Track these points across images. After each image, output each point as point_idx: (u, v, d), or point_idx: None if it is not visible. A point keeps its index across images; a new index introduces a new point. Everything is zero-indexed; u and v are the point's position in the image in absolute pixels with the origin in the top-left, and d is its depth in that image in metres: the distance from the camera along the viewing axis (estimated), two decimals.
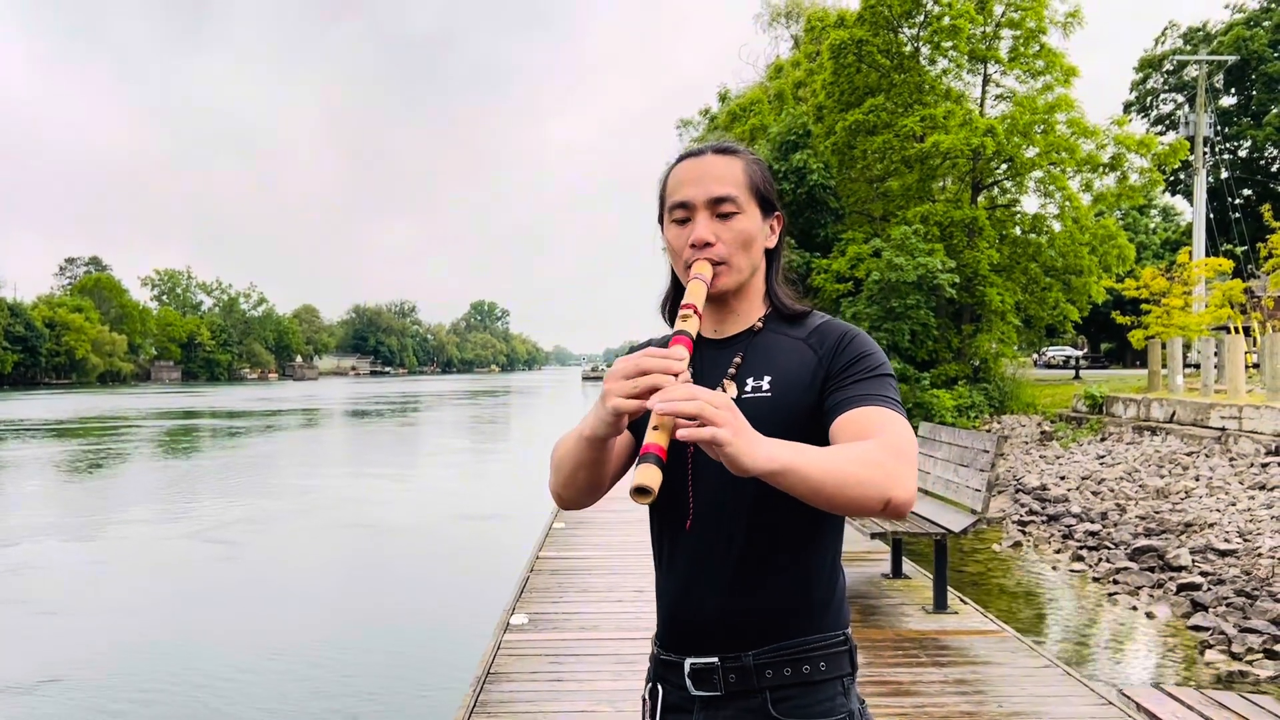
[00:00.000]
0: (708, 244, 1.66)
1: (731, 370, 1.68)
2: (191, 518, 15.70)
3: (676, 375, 1.41)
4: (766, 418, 1.59)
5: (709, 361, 1.72)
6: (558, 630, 5.68)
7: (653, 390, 1.39)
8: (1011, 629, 5.79)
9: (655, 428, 1.35)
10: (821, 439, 1.54)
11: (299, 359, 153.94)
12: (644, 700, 1.75)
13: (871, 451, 1.44)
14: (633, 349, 1.65)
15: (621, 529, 9.01)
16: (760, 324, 1.73)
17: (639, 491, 1.29)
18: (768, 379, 1.65)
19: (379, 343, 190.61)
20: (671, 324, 1.79)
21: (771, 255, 1.78)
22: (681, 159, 1.76)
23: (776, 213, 1.76)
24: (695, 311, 1.58)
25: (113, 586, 11.09)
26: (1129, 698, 4.96)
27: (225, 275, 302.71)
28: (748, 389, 1.65)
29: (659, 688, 1.70)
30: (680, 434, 1.32)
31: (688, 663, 1.63)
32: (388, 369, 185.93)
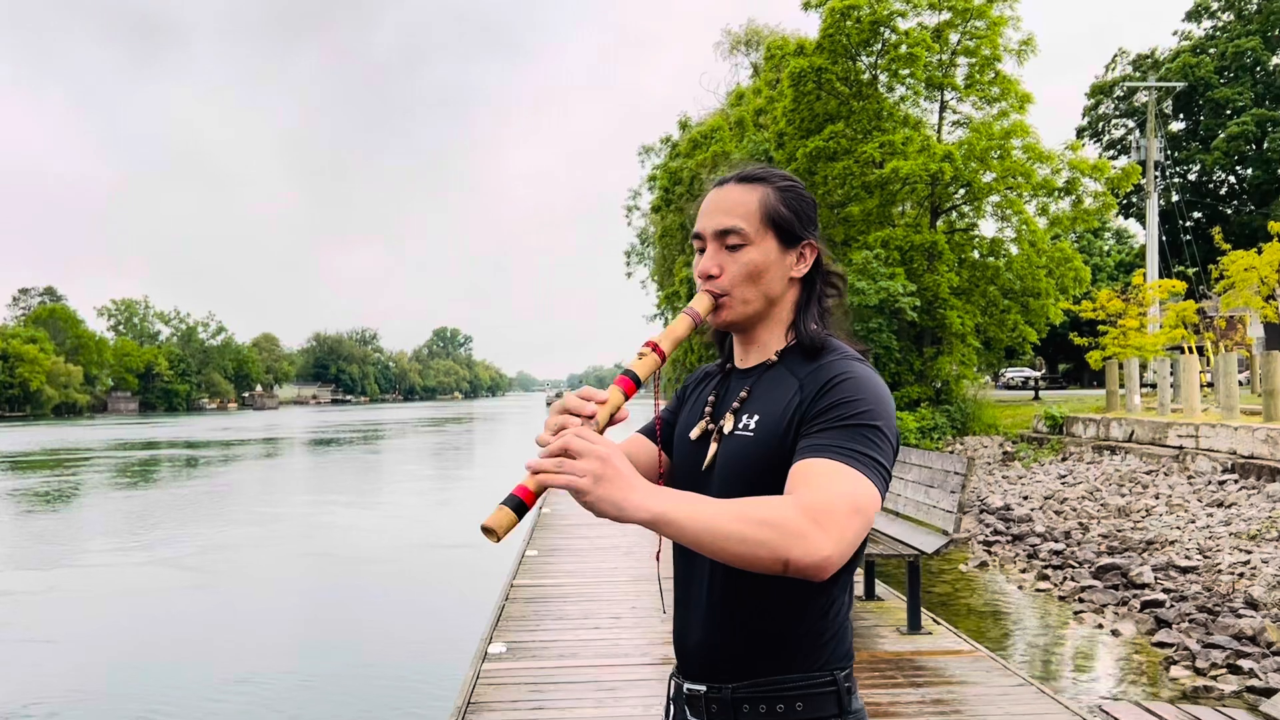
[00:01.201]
0: (712, 276, 1.66)
1: (735, 404, 1.68)
2: (155, 549, 15.49)
3: (592, 416, 1.44)
4: (745, 458, 1.61)
5: (731, 392, 1.73)
6: (536, 659, 5.69)
7: (560, 429, 1.41)
8: (985, 648, 5.88)
9: (534, 471, 1.37)
10: None
11: (259, 388, 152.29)
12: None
13: (776, 509, 1.37)
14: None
15: (594, 555, 9.03)
16: (775, 357, 1.70)
17: (485, 530, 1.32)
18: (756, 418, 1.63)
19: (340, 371, 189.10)
20: (722, 350, 1.82)
21: (806, 285, 1.72)
22: (712, 186, 1.74)
23: (807, 241, 1.70)
24: (654, 349, 1.58)
25: (75, 619, 10.93)
26: (1106, 713, 5.05)
27: (183, 304, 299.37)
28: (740, 426, 1.64)
29: (670, 707, 1.75)
30: (538, 477, 1.35)
31: (685, 687, 1.68)
32: (349, 397, 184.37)
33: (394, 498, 23.51)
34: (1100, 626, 9.18)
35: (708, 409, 1.74)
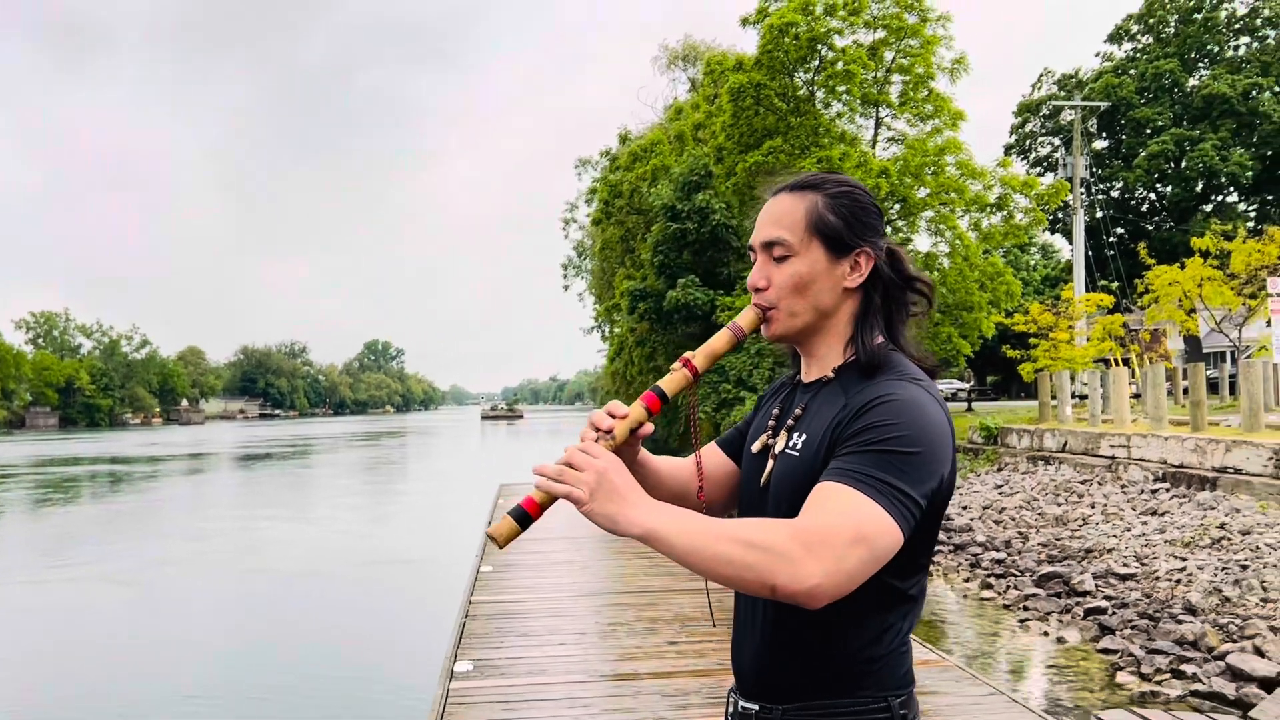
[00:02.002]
0: (759, 289, 1.64)
1: (790, 421, 1.66)
2: (84, 572, 14.98)
3: (610, 431, 1.49)
4: (792, 479, 1.59)
5: (792, 407, 1.70)
6: (505, 677, 5.65)
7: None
8: (951, 658, 5.97)
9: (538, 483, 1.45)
10: None
11: (185, 402, 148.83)
12: None
13: (768, 532, 1.36)
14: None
15: (551, 571, 8.99)
16: (832, 374, 1.65)
17: (489, 537, 1.42)
18: (804, 438, 1.60)
19: (269, 385, 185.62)
20: (796, 364, 1.77)
21: (866, 295, 1.66)
22: (769, 195, 1.70)
23: (861, 249, 1.63)
24: (687, 364, 1.59)
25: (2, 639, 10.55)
26: None
27: (106, 317, 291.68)
28: (790, 444, 1.62)
29: None
30: (538, 483, 1.42)
31: (740, 704, 1.67)
32: (278, 411, 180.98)
33: (333, 513, 23.11)
34: (1046, 634, 9.37)
35: (771, 423, 1.72)
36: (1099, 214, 38.73)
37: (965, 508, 16.31)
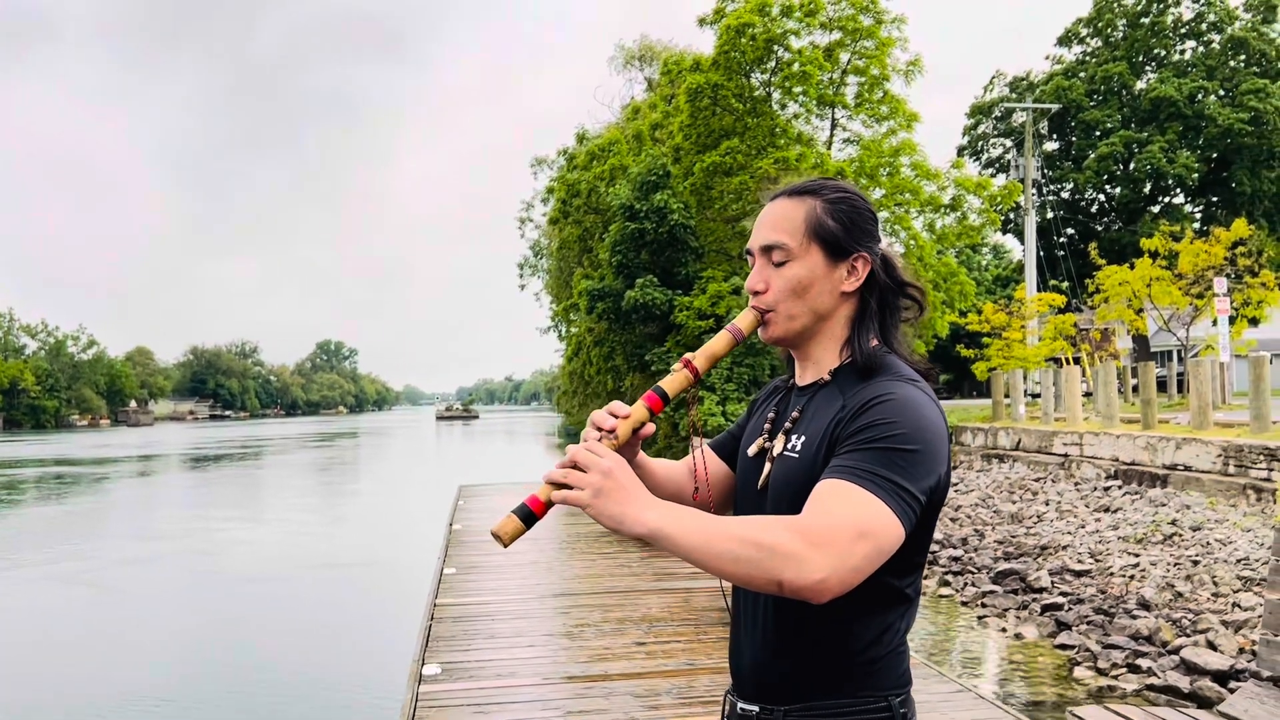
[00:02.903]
0: (758, 292, 1.66)
1: (787, 424, 1.67)
2: (34, 573, 14.70)
3: (612, 430, 1.51)
4: (791, 479, 1.60)
5: (788, 410, 1.71)
6: (474, 679, 5.63)
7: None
8: (917, 655, 6.04)
9: (548, 482, 1.46)
10: None
11: (133, 404, 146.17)
12: None
13: (773, 530, 1.38)
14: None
15: (515, 573, 8.97)
16: (829, 376, 1.67)
17: (493, 535, 1.43)
18: (802, 439, 1.61)
19: (219, 385, 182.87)
20: (790, 366, 1.79)
21: (862, 299, 1.68)
22: (767, 200, 1.72)
23: (858, 254, 1.65)
24: (687, 365, 1.60)
25: None
26: (1079, 718, 5.23)
27: (51, 317, 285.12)
28: (789, 446, 1.63)
29: None
30: (542, 488, 1.45)
31: (739, 706, 1.68)
32: (228, 412, 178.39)
33: (290, 515, 22.85)
34: (1004, 630, 9.52)
35: (767, 426, 1.74)
36: (1050, 215, 39.31)
37: (925, 505, 16.48)
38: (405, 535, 17.83)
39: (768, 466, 1.68)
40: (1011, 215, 37.39)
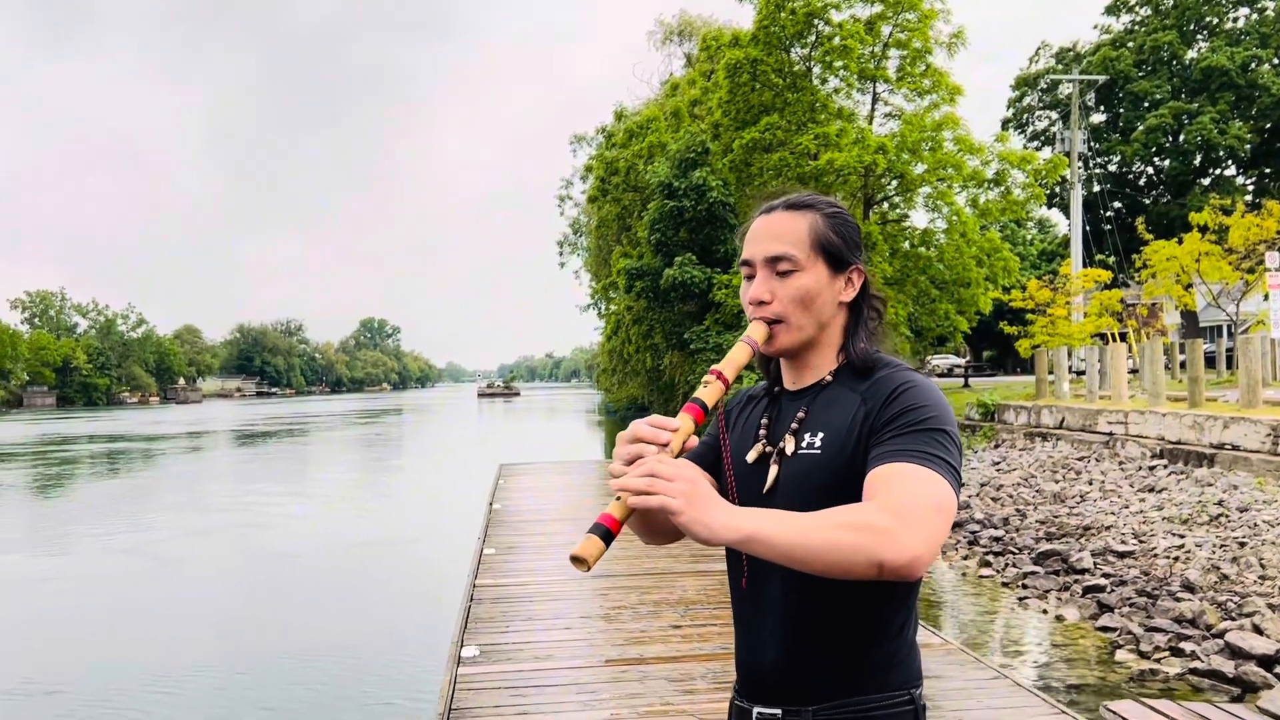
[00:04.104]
0: (763, 302, 1.68)
1: (794, 425, 1.69)
2: (91, 551, 15.05)
3: (665, 445, 1.48)
4: (815, 475, 1.63)
5: (783, 414, 1.74)
6: (512, 662, 5.69)
7: (636, 459, 1.47)
8: (955, 641, 6.01)
9: (616, 498, 1.43)
10: None
11: (181, 381, 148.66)
12: None
13: (863, 514, 1.41)
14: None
15: (554, 554, 9.03)
16: (830, 377, 1.71)
17: (575, 560, 1.38)
18: (821, 436, 1.64)
19: (265, 363, 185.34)
20: (768, 374, 1.83)
21: (854, 308, 1.75)
22: (759, 213, 1.76)
23: (854, 266, 1.73)
24: (719, 377, 1.60)
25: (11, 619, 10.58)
26: (1114, 712, 5.19)
27: (101, 296, 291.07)
28: (803, 445, 1.66)
29: None
30: (630, 501, 1.41)
31: (755, 711, 1.68)
32: (274, 390, 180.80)
33: (334, 491, 23.14)
34: (1045, 612, 9.43)
35: (762, 431, 1.75)
36: (1096, 188, 38.67)
37: (963, 484, 16.33)
38: (448, 513, 17.97)
39: (774, 469, 1.69)
40: (1057, 189, 36.82)
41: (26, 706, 7.75)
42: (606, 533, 1.41)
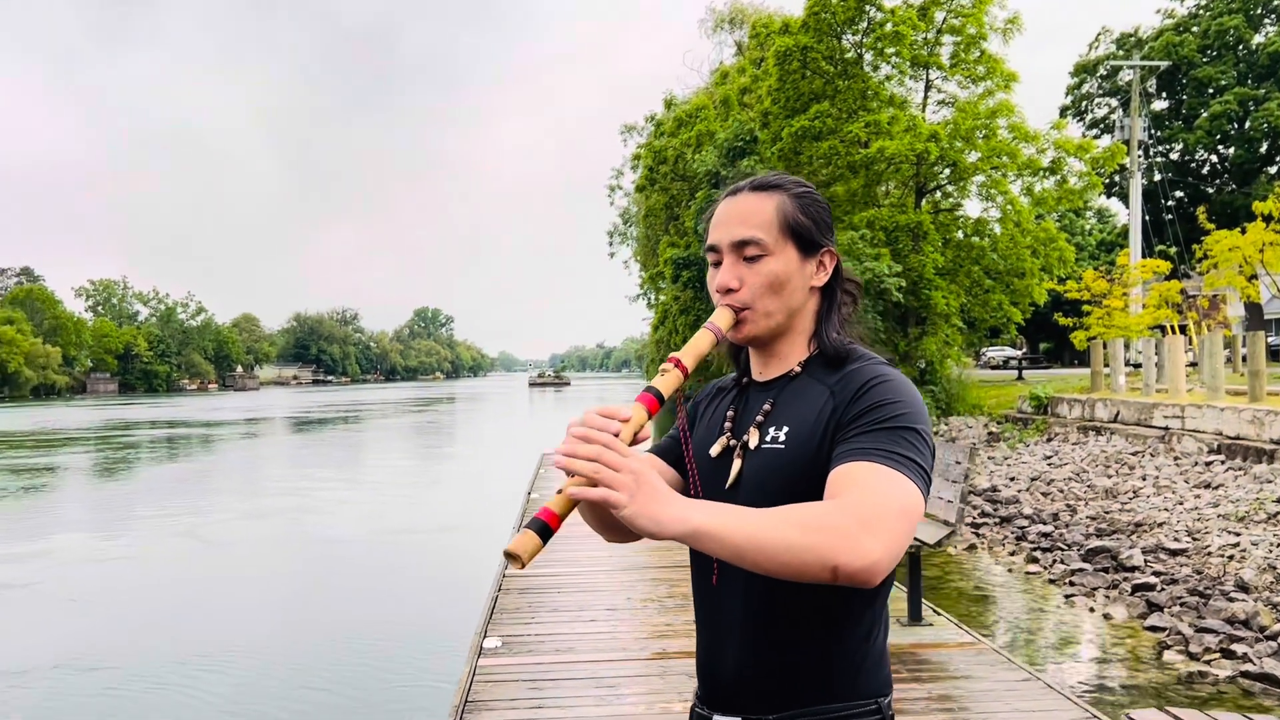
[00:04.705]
0: (731, 290, 1.60)
1: (759, 417, 1.61)
2: (148, 532, 15.44)
3: (615, 435, 1.38)
4: (777, 471, 1.55)
5: (750, 406, 1.66)
6: (533, 654, 5.61)
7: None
8: (987, 641, 5.83)
9: (560, 491, 1.32)
10: None
11: (239, 369, 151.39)
12: None
13: (821, 514, 1.32)
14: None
15: (587, 543, 8.93)
16: (799, 368, 1.63)
17: (508, 556, 1.27)
18: (786, 429, 1.56)
19: (321, 351, 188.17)
20: (738, 364, 1.76)
21: (827, 294, 1.67)
22: (724, 196, 1.68)
23: (826, 249, 1.65)
24: (677, 365, 1.52)
25: (51, 603, 10.78)
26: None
27: (162, 284, 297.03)
28: (768, 439, 1.58)
29: None
30: (570, 491, 1.30)
31: (714, 719, 1.60)
32: (330, 378, 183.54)
33: (383, 478, 23.42)
34: (1092, 610, 9.18)
35: (727, 425, 1.67)
36: (1157, 177, 37.74)
37: (1013, 479, 16.04)
38: (492, 500, 18.02)
39: (738, 463, 1.61)
40: (1116, 178, 36.00)
41: (88, 676, 8.03)
42: (544, 528, 1.29)
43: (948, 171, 27.19)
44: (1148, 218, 34.36)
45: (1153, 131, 37.16)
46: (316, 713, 7.12)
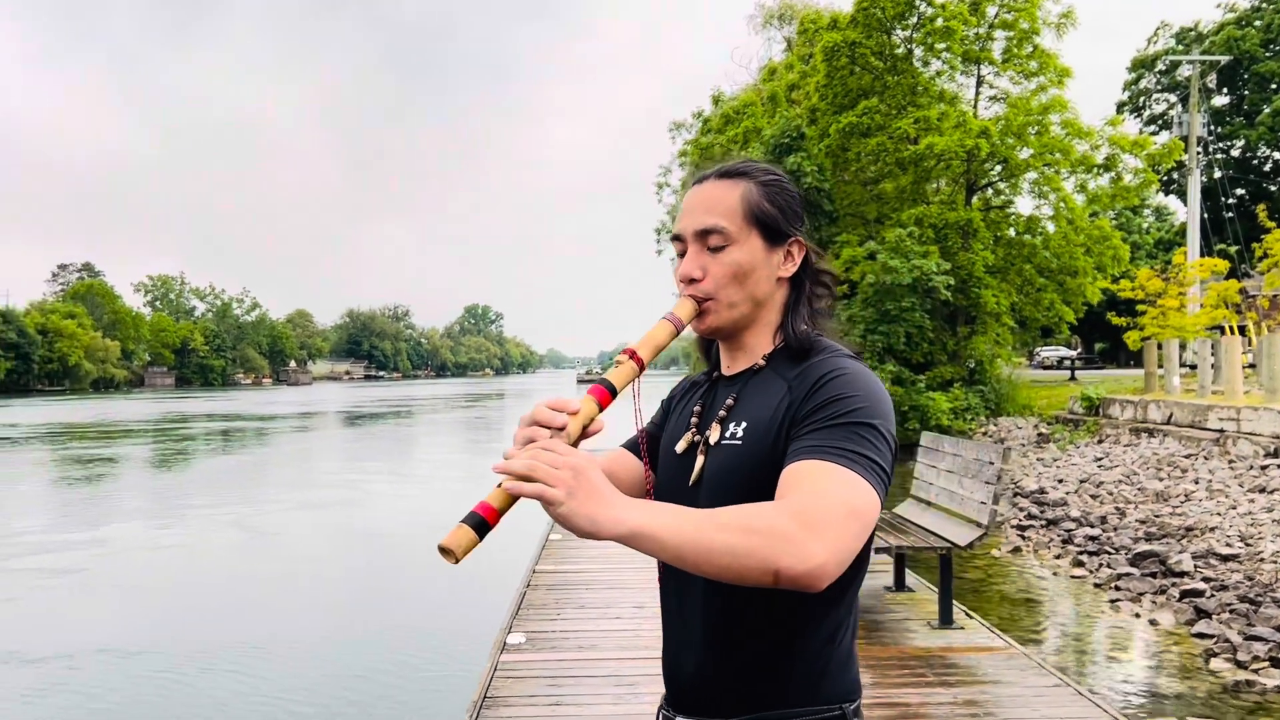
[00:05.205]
0: (694, 280, 1.55)
1: (722, 412, 1.57)
2: (201, 523, 15.72)
3: (561, 428, 1.33)
4: (734, 468, 1.50)
5: (716, 401, 1.62)
6: (555, 650, 5.57)
7: (529, 442, 1.32)
8: (1018, 645, 5.69)
9: (499, 485, 1.27)
10: None
11: (293, 364, 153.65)
12: None
13: (765, 515, 1.26)
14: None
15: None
16: (763, 361, 1.58)
17: (442, 551, 1.22)
18: (744, 425, 1.52)
19: (373, 347, 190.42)
20: (708, 358, 1.72)
21: (796, 284, 1.62)
22: (693, 183, 1.63)
23: (794, 239, 1.59)
24: (633, 357, 1.48)
25: (96, 592, 10.97)
26: None
27: (218, 280, 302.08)
28: (727, 435, 1.54)
29: None
30: (506, 486, 1.25)
31: None
32: (382, 373, 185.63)
33: (433, 471, 23.70)
34: (1138, 616, 8.95)
35: (694, 419, 1.63)
36: (1217, 174, 36.89)
37: (1061, 481, 15.74)
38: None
39: (701, 460, 1.56)
40: (1175, 175, 35.26)
41: (135, 660, 8.22)
42: (481, 523, 1.24)
43: (999, 168, 26.81)
44: (1207, 216, 33.59)
45: (1213, 128, 36.33)
46: (339, 703, 7.16)
